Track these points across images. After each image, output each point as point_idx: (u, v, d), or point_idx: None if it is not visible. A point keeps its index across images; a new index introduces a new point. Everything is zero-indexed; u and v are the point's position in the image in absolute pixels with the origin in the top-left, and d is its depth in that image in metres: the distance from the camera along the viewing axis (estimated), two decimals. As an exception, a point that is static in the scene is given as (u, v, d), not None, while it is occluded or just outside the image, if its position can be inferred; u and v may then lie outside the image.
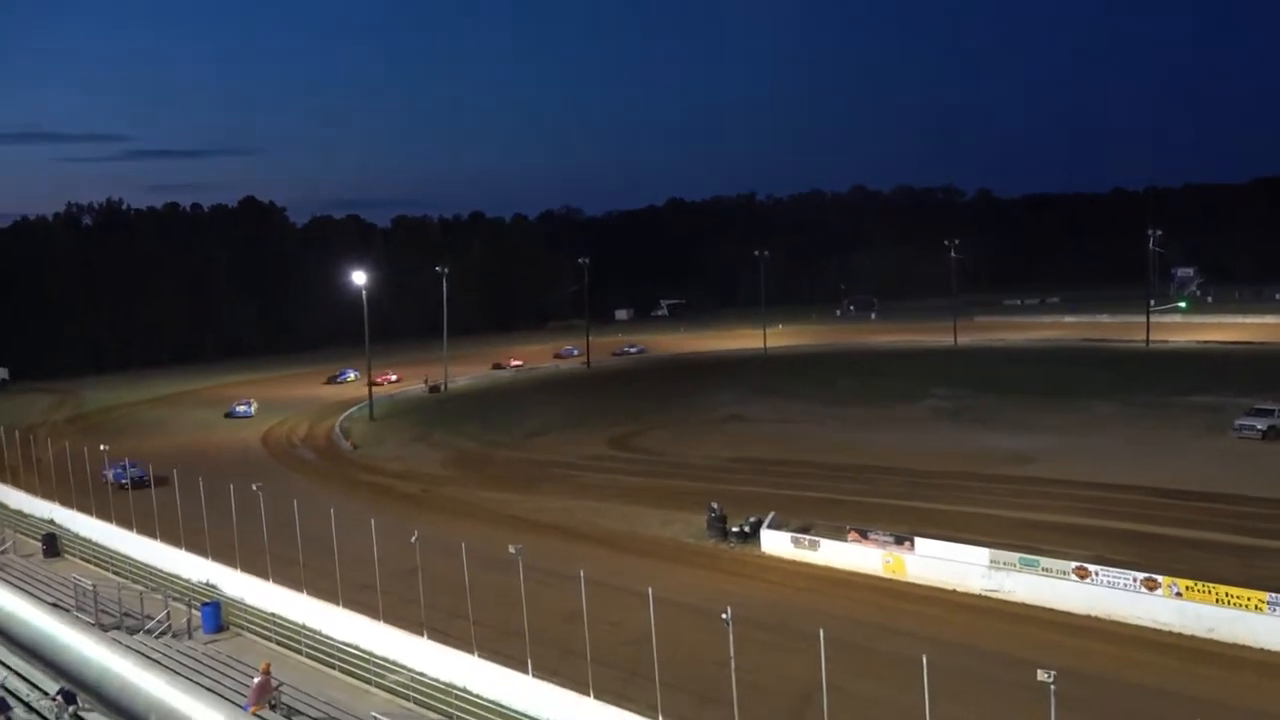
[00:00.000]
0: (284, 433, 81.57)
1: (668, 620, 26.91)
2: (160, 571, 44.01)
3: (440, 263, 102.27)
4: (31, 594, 37.28)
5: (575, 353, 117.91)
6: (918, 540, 40.56)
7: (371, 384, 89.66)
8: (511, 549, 29.87)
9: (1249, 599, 32.39)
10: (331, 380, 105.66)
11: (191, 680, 28.74)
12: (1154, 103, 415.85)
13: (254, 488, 41.03)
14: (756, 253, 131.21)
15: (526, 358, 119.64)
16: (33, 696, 24.56)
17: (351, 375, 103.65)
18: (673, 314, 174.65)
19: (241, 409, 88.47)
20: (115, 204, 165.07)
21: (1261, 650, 30.81)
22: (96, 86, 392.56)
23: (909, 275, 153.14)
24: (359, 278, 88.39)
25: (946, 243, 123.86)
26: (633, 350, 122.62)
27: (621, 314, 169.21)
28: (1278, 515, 43.53)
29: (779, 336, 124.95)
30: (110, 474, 54.15)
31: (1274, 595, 32.02)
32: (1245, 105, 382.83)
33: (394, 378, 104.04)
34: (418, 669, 32.22)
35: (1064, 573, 36.47)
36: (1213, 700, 25.48)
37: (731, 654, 24.41)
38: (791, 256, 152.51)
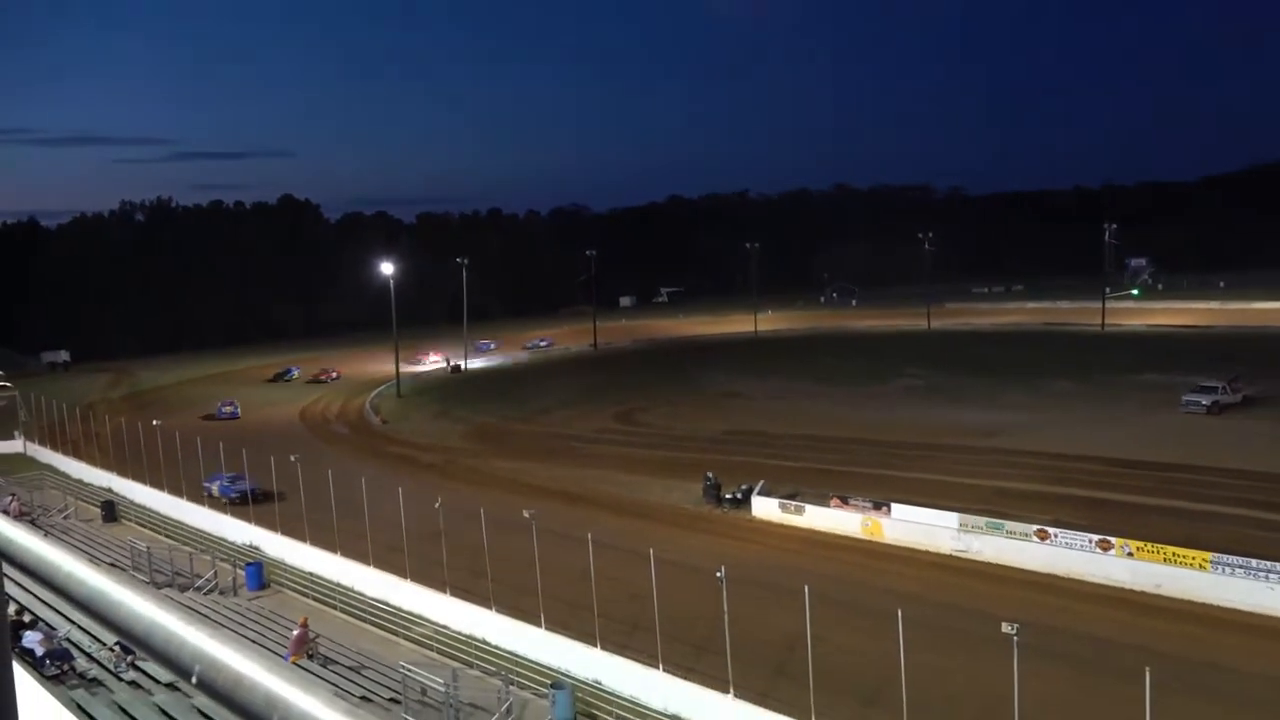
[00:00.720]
0: (320, 409, 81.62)
1: (667, 578, 26.99)
2: (208, 535, 44.18)
3: (460, 255, 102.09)
4: (91, 555, 37.47)
5: (544, 344, 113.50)
6: (894, 506, 40.58)
7: (398, 364, 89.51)
8: (526, 514, 29.95)
9: (1193, 558, 32.44)
10: (277, 378, 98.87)
11: (235, 633, 28.94)
12: (1110, 104, 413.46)
13: (291, 459, 41.14)
14: (748, 245, 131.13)
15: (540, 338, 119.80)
16: (93, 648, 24.74)
17: (295, 373, 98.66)
18: (672, 301, 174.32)
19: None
20: (165, 201, 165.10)
21: (1204, 604, 30.89)
22: (146, 94, 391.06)
23: (886, 265, 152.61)
24: (387, 268, 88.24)
25: (920, 235, 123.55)
26: (543, 344, 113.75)
27: (625, 301, 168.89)
28: (1220, 482, 43.56)
29: (768, 321, 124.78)
30: (215, 487, 48.30)
31: (1216, 555, 32.09)
32: (1195, 107, 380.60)
33: (434, 357, 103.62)
34: (441, 622, 32.36)
35: (1026, 535, 36.51)
36: (1160, 649, 25.52)
37: (725, 608, 24.49)
38: (780, 248, 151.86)
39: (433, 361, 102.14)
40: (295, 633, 28.28)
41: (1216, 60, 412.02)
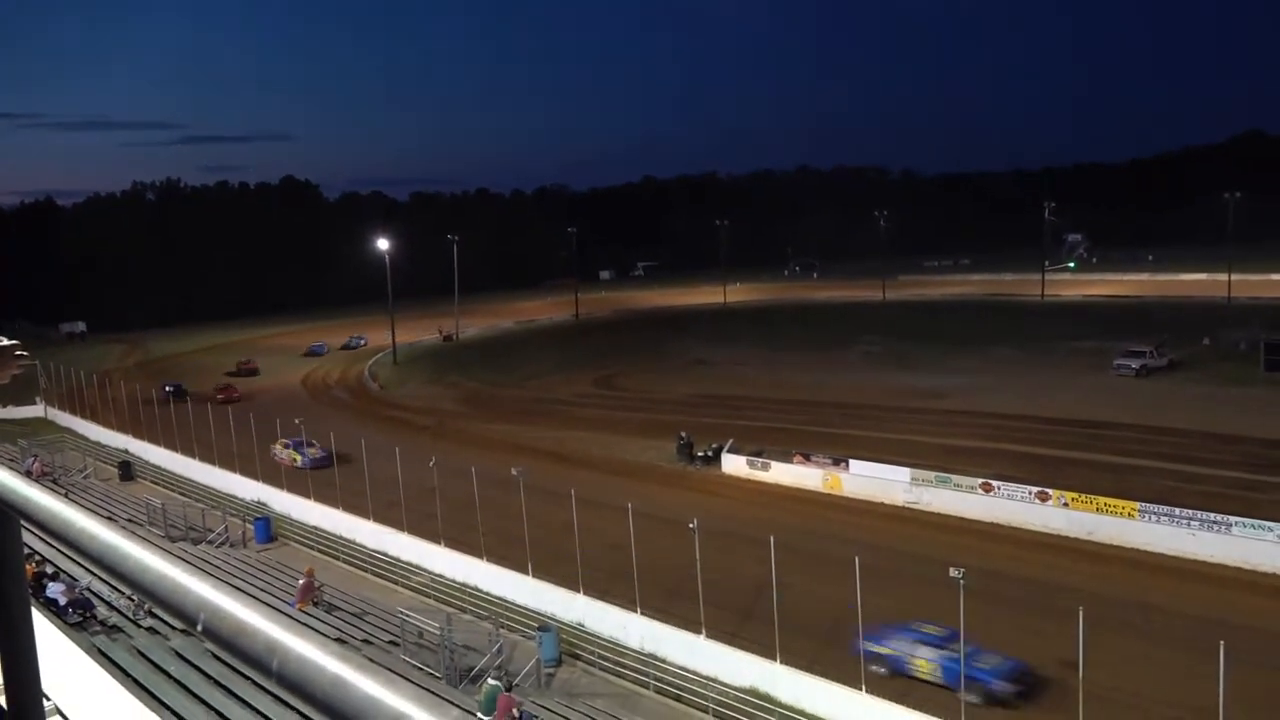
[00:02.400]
0: (321, 376, 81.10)
1: (644, 530, 27.06)
2: (219, 492, 43.92)
3: (451, 232, 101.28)
4: (109, 512, 37.20)
5: (363, 341, 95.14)
6: (852, 462, 40.81)
7: (395, 335, 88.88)
8: (514, 471, 29.92)
9: (1122, 507, 32.86)
10: (345, 347, 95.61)
11: (246, 582, 28.85)
12: (1048, 90, 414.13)
13: (296, 422, 40.94)
14: (718, 222, 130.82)
15: (524, 313, 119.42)
16: (113, 597, 24.58)
17: (364, 341, 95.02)
18: (647, 274, 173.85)
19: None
20: (174, 182, 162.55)
21: (1132, 549, 31.31)
22: (155, 80, 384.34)
23: (845, 241, 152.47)
24: (383, 244, 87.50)
25: (876, 213, 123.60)
26: (362, 342, 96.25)
27: (604, 274, 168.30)
28: (1146, 439, 44.01)
29: (736, 293, 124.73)
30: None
31: (1143, 504, 32.53)
32: (1123, 94, 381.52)
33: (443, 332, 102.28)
34: (437, 571, 32.39)
35: (972, 488, 36.82)
36: (1093, 591, 25.83)
37: (697, 556, 24.61)
38: (747, 225, 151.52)
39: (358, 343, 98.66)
40: (301, 582, 28.21)
41: (1146, 53, 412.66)
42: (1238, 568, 29.25)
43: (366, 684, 1.28)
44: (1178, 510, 31.75)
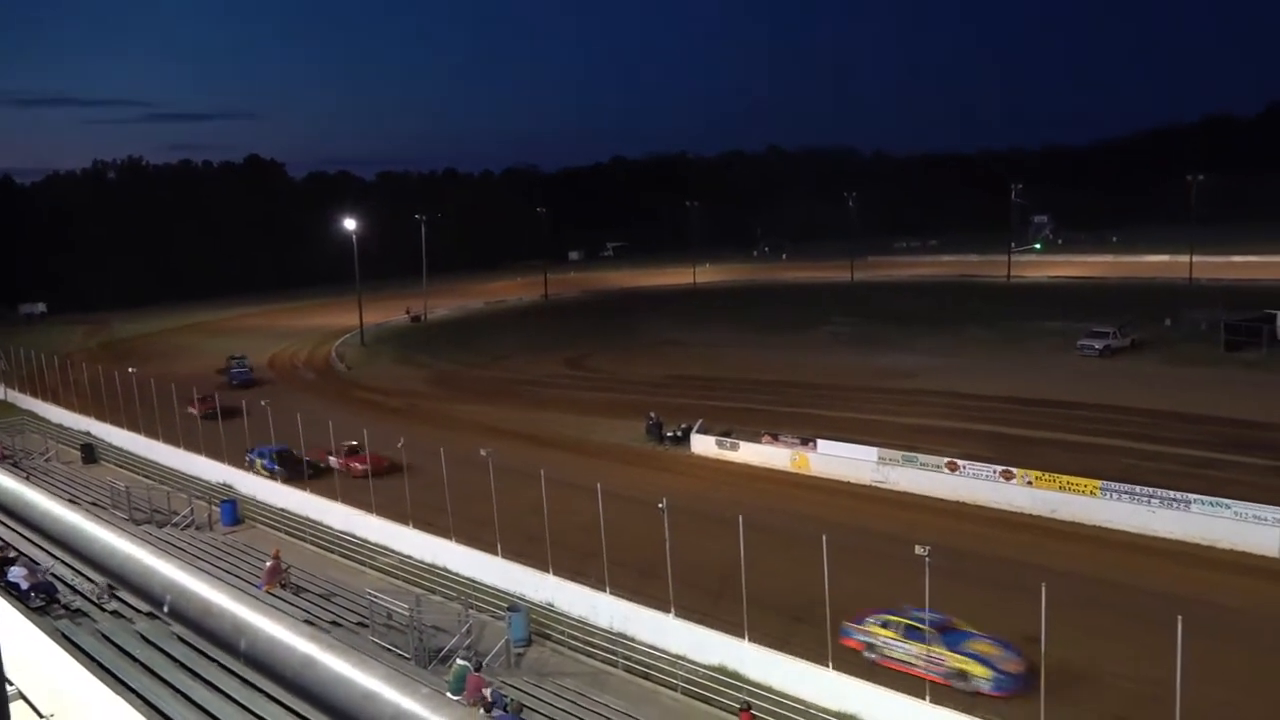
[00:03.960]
0: (287, 357, 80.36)
1: (614, 510, 27.11)
2: (184, 475, 43.52)
3: (420, 212, 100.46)
4: (72, 495, 36.75)
5: (247, 370, 67.51)
6: (819, 441, 41.07)
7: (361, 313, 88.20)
8: (483, 452, 29.85)
9: (1084, 485, 33.35)
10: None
11: (212, 565, 28.64)
12: (1017, 72, 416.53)
13: (262, 403, 40.57)
14: (687, 203, 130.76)
15: (493, 294, 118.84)
16: (77, 581, 24.34)
17: (247, 369, 68.41)
18: (616, 255, 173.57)
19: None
20: (136, 161, 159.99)
21: (1093, 526, 31.84)
22: (117, 56, 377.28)
23: (814, 222, 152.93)
24: (350, 224, 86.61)
25: (845, 194, 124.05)
26: (242, 371, 67.21)
27: (574, 255, 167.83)
28: (1108, 418, 44.68)
29: (706, 274, 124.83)
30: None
31: (1105, 483, 33.01)
32: (1089, 76, 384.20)
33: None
34: (405, 552, 32.35)
35: (938, 467, 37.20)
36: (1056, 567, 26.24)
37: (667, 536, 24.72)
38: (716, 206, 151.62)
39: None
40: (268, 564, 28.05)
41: (1114, 35, 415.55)
42: (1196, 544, 29.84)
43: (337, 664, 1.30)
44: (1139, 488, 32.28)
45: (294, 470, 39.50)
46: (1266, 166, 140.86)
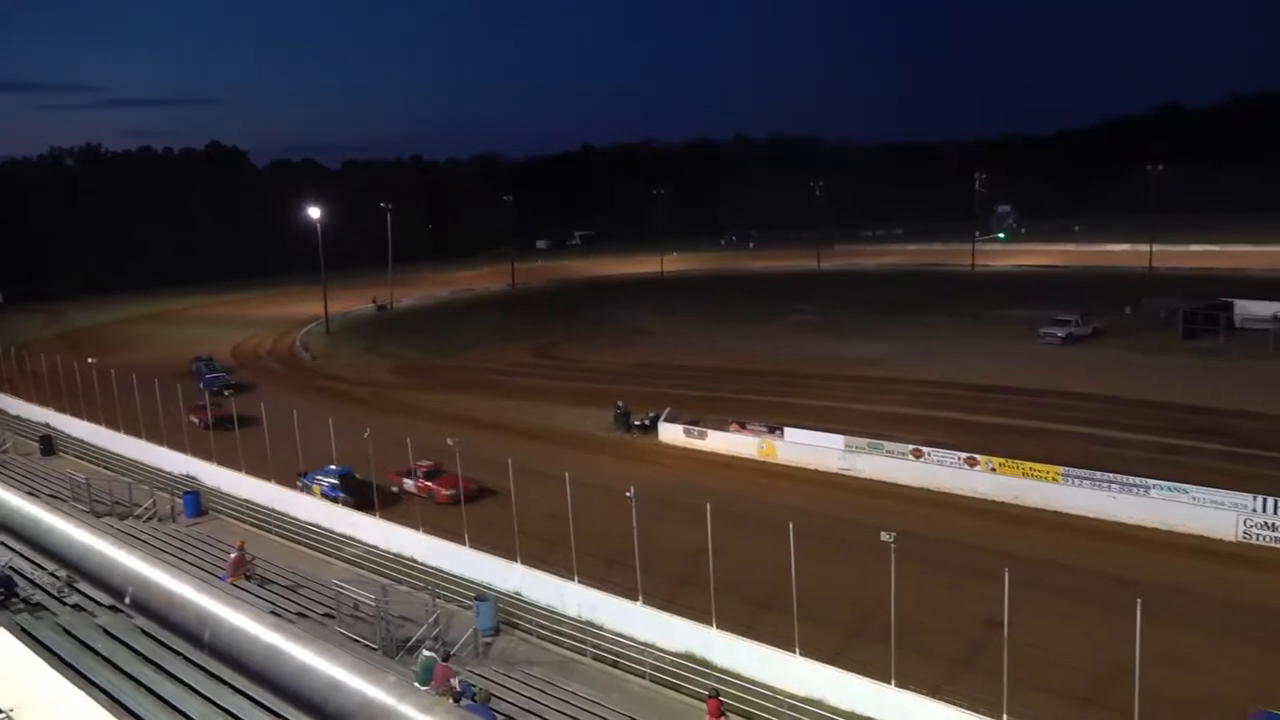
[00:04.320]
0: (252, 346, 79.49)
1: (582, 498, 27.12)
2: (146, 466, 42.95)
3: (385, 200, 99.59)
4: (30, 487, 36.18)
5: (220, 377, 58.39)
6: (786, 430, 41.32)
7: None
8: (450, 441, 29.76)
9: (1046, 472, 33.85)
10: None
11: (175, 557, 28.34)
12: (982, 63, 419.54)
13: (225, 393, 40.14)
14: (654, 191, 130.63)
15: (460, 283, 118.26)
16: (36, 574, 23.98)
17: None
18: (584, 244, 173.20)
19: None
20: (94, 147, 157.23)
21: (1055, 512, 32.33)
22: (73, 40, 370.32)
23: (781, 210, 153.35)
24: (314, 213, 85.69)
25: (812, 183, 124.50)
26: (217, 376, 58.14)
27: (541, 244, 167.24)
28: (1070, 405, 45.30)
29: (673, 263, 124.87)
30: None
31: (1066, 469, 33.53)
32: (1052, 67, 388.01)
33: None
34: (372, 543, 32.19)
35: (903, 454, 37.57)
36: (1019, 552, 26.55)
37: (634, 524, 24.79)
38: (684, 195, 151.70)
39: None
40: (233, 555, 27.79)
41: (1074, 25, 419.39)
42: (1155, 529, 30.40)
43: (302, 653, 1.30)
44: (1099, 474, 32.83)
45: (361, 496, 34.62)
46: (1224, 157, 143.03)
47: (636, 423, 45.63)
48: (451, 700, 17.65)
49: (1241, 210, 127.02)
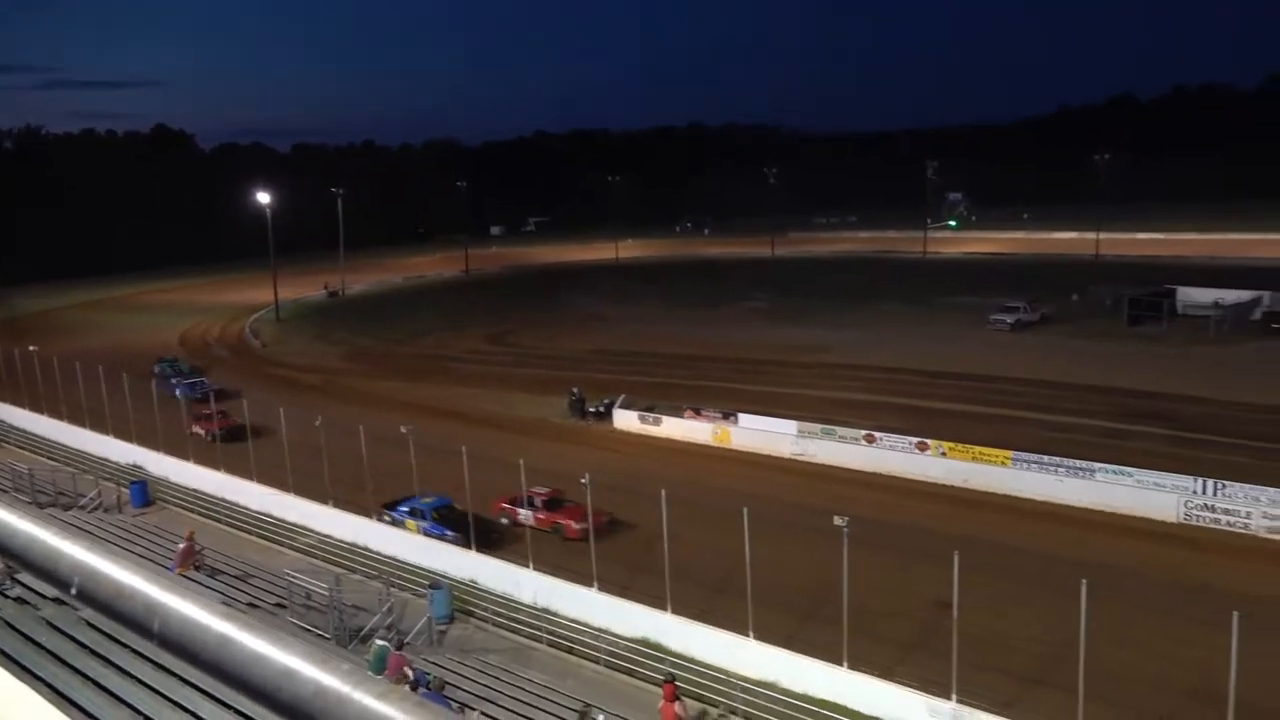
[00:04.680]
0: (200, 333, 78.22)
1: (538, 485, 27.10)
2: (91, 456, 42.10)
3: (337, 185, 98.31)
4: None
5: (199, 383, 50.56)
6: (741, 416, 41.57)
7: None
8: (403, 429, 29.55)
9: (996, 456, 34.44)
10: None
11: (122, 548, 27.86)
12: (934, 53, 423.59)
13: (171, 381, 39.44)
14: (610, 178, 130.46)
15: (414, 269, 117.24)
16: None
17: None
18: (539, 230, 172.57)
19: None
20: (35, 130, 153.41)
21: (1005, 495, 32.89)
22: (14, 21, 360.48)
23: (736, 198, 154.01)
24: (263, 198, 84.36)
25: (766, 171, 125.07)
26: (195, 382, 51.69)
27: (495, 230, 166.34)
28: (1019, 390, 46.07)
29: (629, 250, 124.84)
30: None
31: (1015, 453, 34.13)
32: (1007, 58, 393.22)
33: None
34: (324, 532, 31.88)
35: (855, 439, 37.99)
36: (968, 536, 26.92)
37: (589, 510, 24.84)
38: (640, 181, 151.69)
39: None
40: (181, 546, 27.37)
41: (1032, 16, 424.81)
42: (1100, 510, 31.07)
43: (254, 642, 1.29)
44: (1047, 458, 33.49)
45: (466, 529, 28.64)
46: (1169, 147, 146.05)
47: (591, 410, 45.64)
48: (407, 688, 17.58)
49: (1184, 200, 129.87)
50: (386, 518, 31.28)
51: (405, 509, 31.29)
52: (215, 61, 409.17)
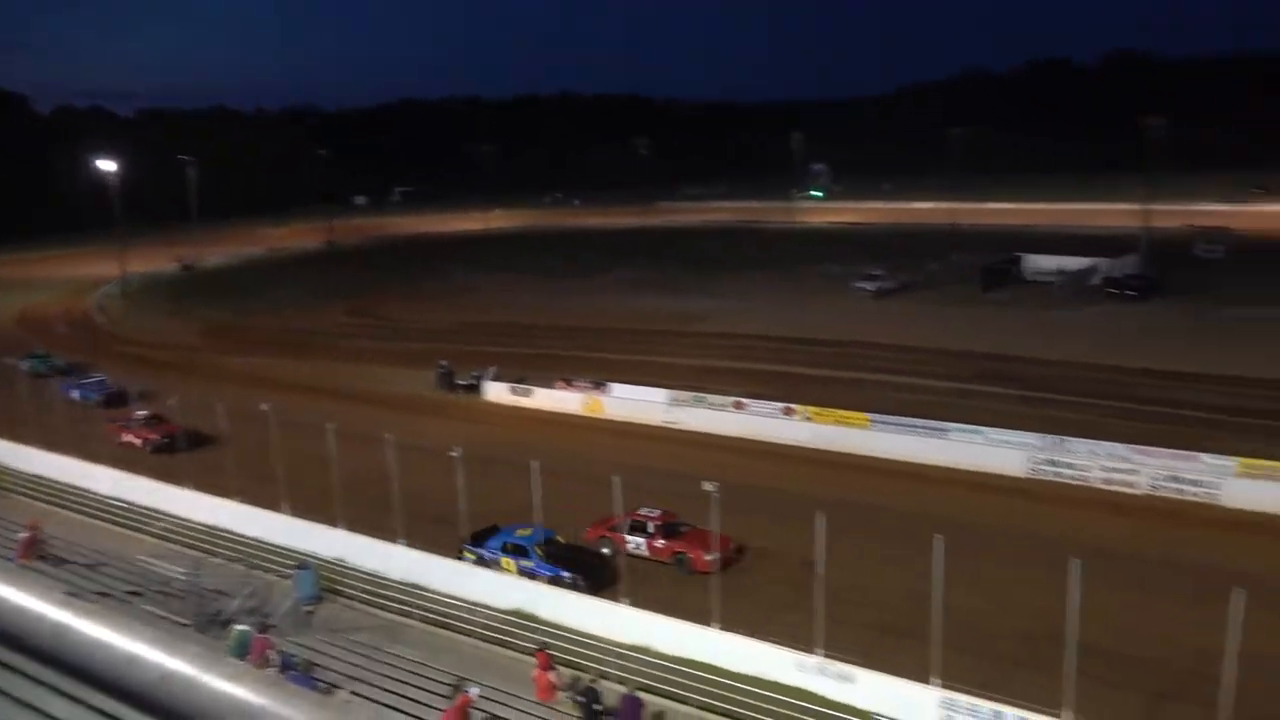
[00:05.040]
0: (40, 311, 73.65)
1: (406, 461, 26.62)
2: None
3: (188, 152, 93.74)
4: None
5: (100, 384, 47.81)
6: (612, 385, 41.76)
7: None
8: (263, 406, 28.59)
9: (857, 419, 35.65)
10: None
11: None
12: (800, 26, 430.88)
13: (6, 361, 37.13)
14: (479, 148, 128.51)
15: (273, 240, 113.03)
16: None
17: None
18: (406, 201, 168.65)
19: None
20: None
21: (866, 456, 33.98)
22: None
23: (606, 168, 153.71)
24: (108, 165, 79.74)
25: (636, 141, 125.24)
26: (95, 383, 45.72)
27: (359, 200, 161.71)
28: (880, 355, 47.67)
29: (498, 220, 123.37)
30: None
31: (875, 415, 35.39)
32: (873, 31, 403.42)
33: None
34: (181, 515, 30.60)
35: (725, 406, 38.67)
36: (834, 496, 27.76)
37: (460, 484, 24.57)
38: (510, 152, 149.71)
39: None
40: (23, 536, 25.89)
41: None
42: (953, 468, 32.50)
43: (94, 629, 1.20)
44: (904, 419, 34.87)
45: (583, 566, 24.93)
46: (1020, 121, 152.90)
47: (460, 382, 45.08)
48: (270, 671, 17.14)
49: (1034, 171, 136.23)
50: (470, 556, 25.95)
51: (497, 545, 25.82)
52: (52, 19, 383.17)
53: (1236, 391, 38.77)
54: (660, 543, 26.10)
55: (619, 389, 41.47)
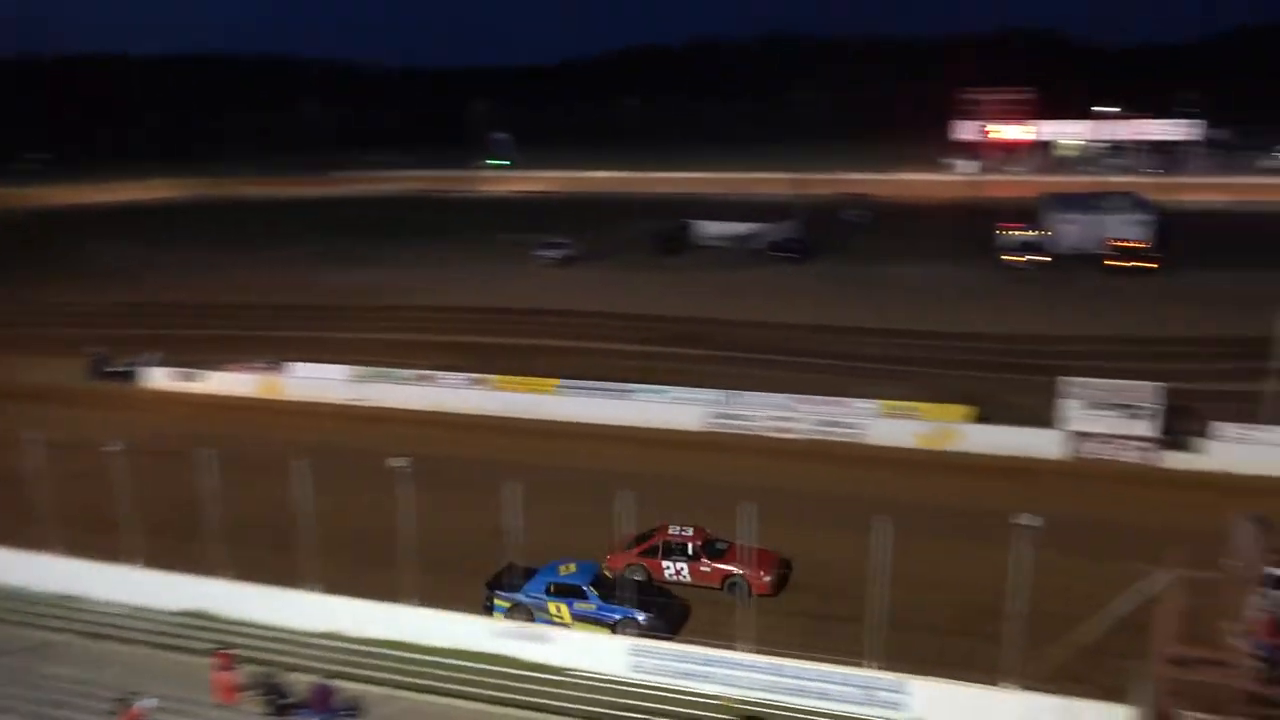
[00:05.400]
0: None
1: (52, 460, 23.84)
2: None
3: None
4: None
5: None
6: (288, 365, 40.11)
7: None
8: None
9: (544, 385, 36.56)
10: None
11: None
12: None
13: None
14: (126, 110, 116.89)
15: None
16: None
17: None
18: (44, 168, 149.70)
19: None
20: None
21: (555, 421, 34.91)
22: None
23: (276, 132, 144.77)
24: None
25: (308, 107, 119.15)
26: None
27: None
28: (567, 321, 48.79)
29: (157, 190, 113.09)
30: None
31: (561, 381, 36.43)
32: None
33: None
34: None
35: (410, 379, 38.17)
36: (526, 462, 28.11)
37: (123, 482, 22.51)
38: (168, 114, 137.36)
39: None
40: None
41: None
42: (639, 427, 34.12)
43: None
44: (589, 383, 36.17)
45: (651, 604, 21.40)
46: (691, 93, 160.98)
47: (113, 370, 41.19)
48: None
49: (702, 140, 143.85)
50: (502, 604, 21.51)
51: (539, 588, 21.57)
52: None
53: (888, 341, 43.37)
54: (706, 567, 23.13)
55: (298, 368, 39.79)
